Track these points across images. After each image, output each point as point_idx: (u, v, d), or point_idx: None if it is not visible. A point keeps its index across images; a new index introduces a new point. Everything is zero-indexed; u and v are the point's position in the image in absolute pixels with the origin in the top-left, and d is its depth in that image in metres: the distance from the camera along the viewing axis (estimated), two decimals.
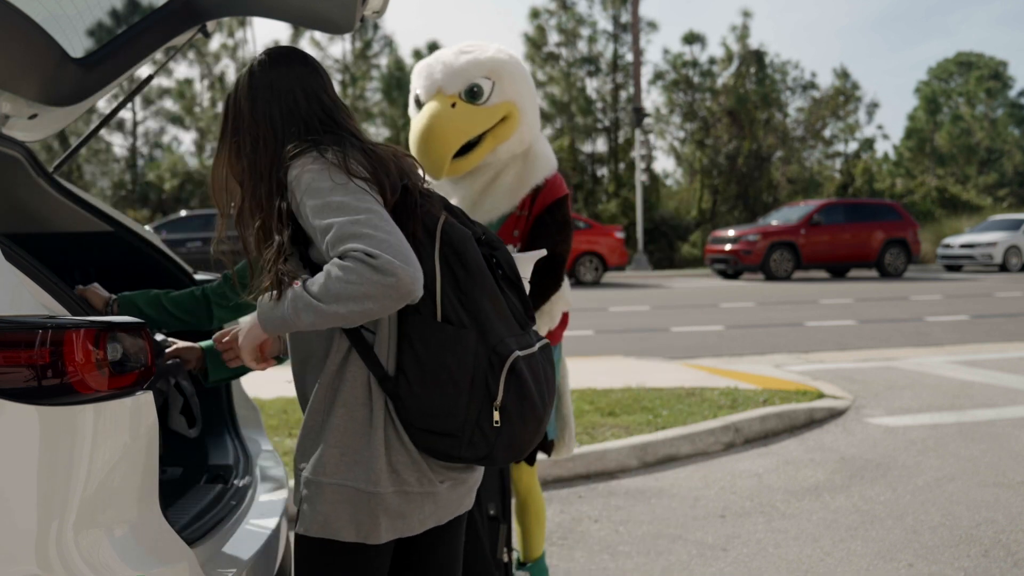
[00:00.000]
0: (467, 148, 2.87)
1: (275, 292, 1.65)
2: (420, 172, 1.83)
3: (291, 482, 2.74)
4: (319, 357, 1.75)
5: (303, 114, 1.79)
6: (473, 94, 2.87)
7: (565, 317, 3.04)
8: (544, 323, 2.91)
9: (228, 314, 2.40)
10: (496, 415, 1.66)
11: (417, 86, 2.99)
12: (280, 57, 1.85)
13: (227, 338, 1.99)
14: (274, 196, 1.73)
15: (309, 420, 1.73)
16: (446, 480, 1.75)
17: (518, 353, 1.69)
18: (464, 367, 1.66)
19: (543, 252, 2.18)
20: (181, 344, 2.18)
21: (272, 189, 1.74)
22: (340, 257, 1.57)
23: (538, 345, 1.77)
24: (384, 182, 1.70)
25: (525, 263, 2.12)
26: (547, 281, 2.85)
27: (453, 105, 2.85)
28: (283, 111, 1.79)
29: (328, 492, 1.68)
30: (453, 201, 2.80)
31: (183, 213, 20.00)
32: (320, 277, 1.59)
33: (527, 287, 1.88)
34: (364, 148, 1.75)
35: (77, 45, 2.64)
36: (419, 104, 2.97)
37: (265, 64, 1.84)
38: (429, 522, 1.76)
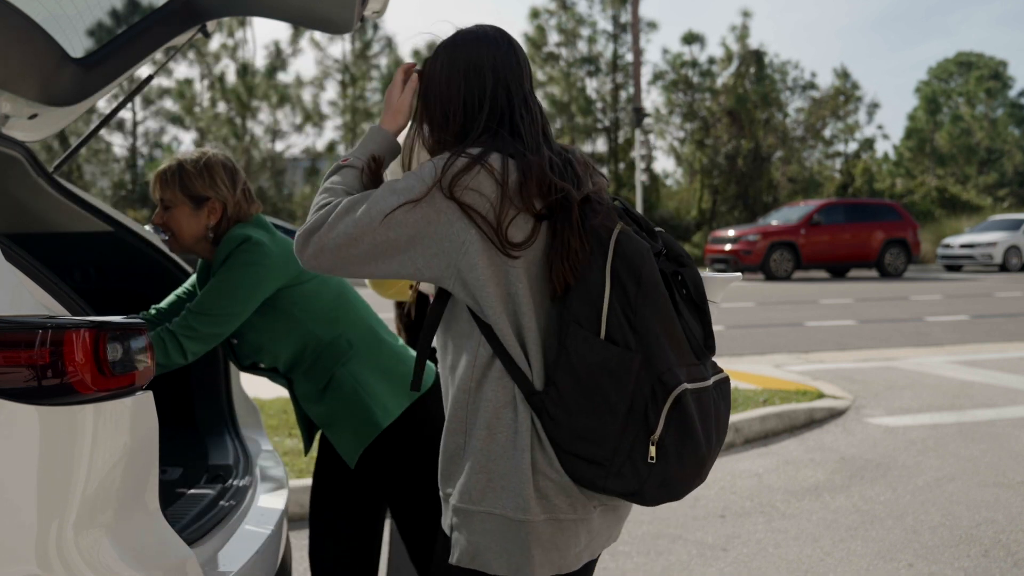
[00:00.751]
0: None
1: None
2: (598, 181, 1.69)
3: (291, 482, 2.74)
4: (453, 370, 1.66)
5: (491, 102, 1.67)
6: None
7: None
8: None
9: None
10: (652, 450, 1.52)
11: None
12: (484, 37, 1.73)
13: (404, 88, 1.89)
14: None
15: (449, 442, 1.63)
16: (598, 505, 1.61)
17: (686, 386, 1.54)
18: (623, 392, 1.52)
19: (739, 276, 2.00)
20: None
21: None
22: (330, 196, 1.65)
23: (713, 379, 1.62)
24: (525, 197, 1.58)
25: (716, 286, 1.95)
26: None
27: None
28: (477, 93, 1.67)
29: (477, 521, 1.57)
30: None
31: None
32: (334, 183, 1.69)
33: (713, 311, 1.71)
34: (521, 154, 1.62)
35: (77, 45, 2.64)
36: None
37: (469, 40, 1.72)
38: (584, 556, 1.63)
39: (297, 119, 29.34)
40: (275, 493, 2.46)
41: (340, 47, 35.06)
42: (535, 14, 33.22)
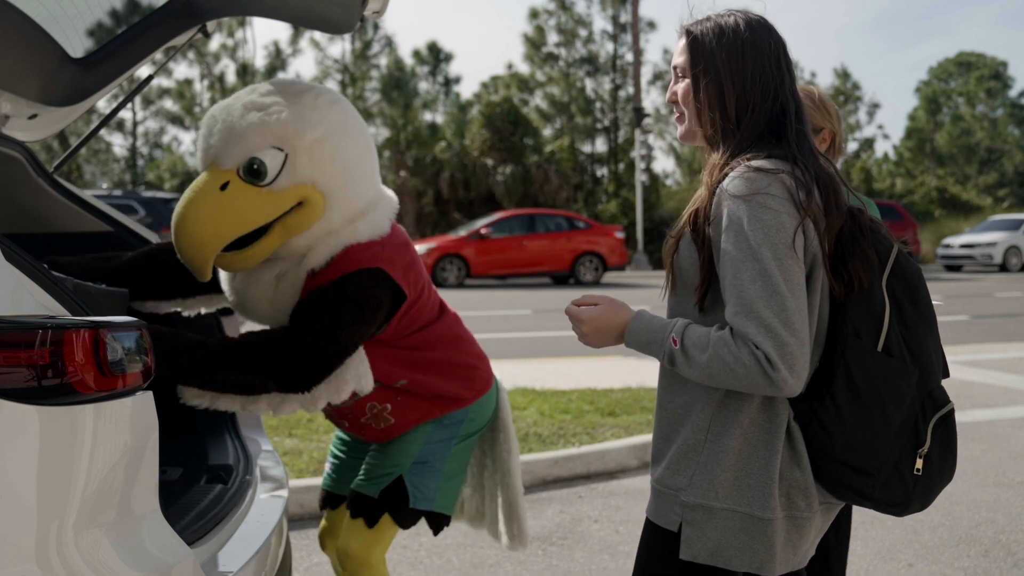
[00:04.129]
0: (249, 239, 2.21)
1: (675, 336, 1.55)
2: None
3: (291, 482, 2.74)
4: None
5: (770, 102, 1.62)
6: (253, 172, 2.16)
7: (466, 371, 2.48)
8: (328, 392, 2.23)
9: None
10: (919, 463, 1.59)
11: (198, 146, 2.30)
12: (768, 30, 1.67)
13: (584, 311, 1.71)
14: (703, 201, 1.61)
15: (688, 437, 1.62)
16: (823, 502, 1.65)
17: (953, 406, 1.65)
18: (900, 406, 1.57)
19: (940, 303, 2.00)
20: None
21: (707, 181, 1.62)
22: (737, 338, 1.50)
23: (950, 404, 1.68)
24: (831, 214, 1.58)
25: None
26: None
27: (224, 186, 2.16)
28: (761, 88, 1.62)
29: (720, 518, 1.58)
30: (243, 305, 2.36)
31: None
32: (709, 343, 1.52)
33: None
34: (820, 169, 1.61)
35: (77, 45, 2.64)
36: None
37: (757, 27, 1.66)
38: (810, 552, 1.66)
39: None
40: (275, 493, 2.46)
41: (340, 47, 35.10)
42: (534, 14, 33.25)
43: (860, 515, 4.18)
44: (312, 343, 2.13)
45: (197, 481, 2.44)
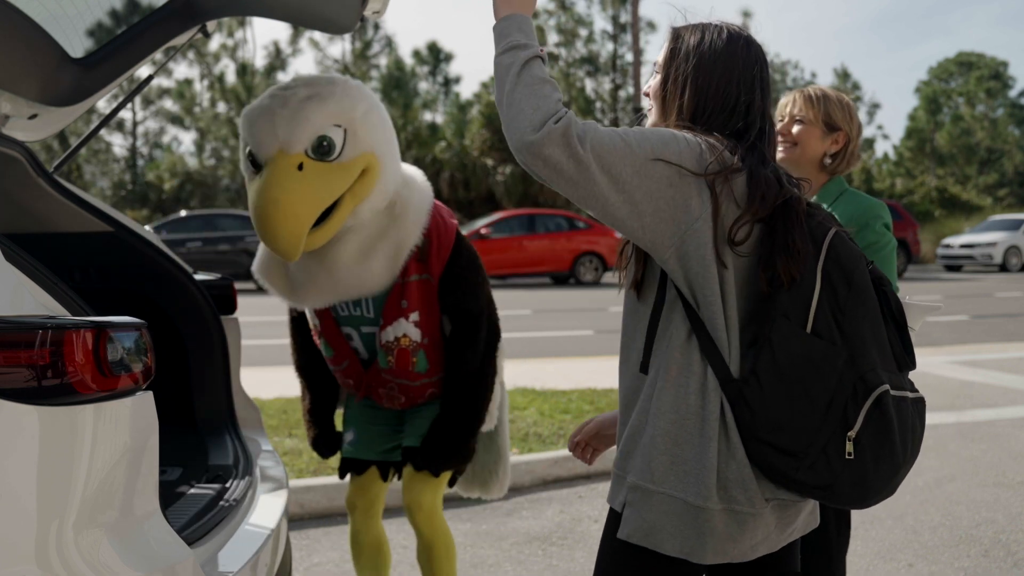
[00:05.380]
0: (323, 215, 2.40)
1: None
2: (803, 187, 1.73)
3: (291, 482, 2.74)
4: (637, 350, 1.68)
5: (726, 115, 1.69)
6: (323, 150, 2.37)
7: None
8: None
9: None
10: (849, 446, 1.55)
11: (250, 140, 2.43)
12: (746, 46, 1.73)
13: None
14: None
15: (635, 420, 1.67)
16: (773, 500, 1.63)
17: (888, 388, 1.57)
18: (825, 387, 1.55)
19: (939, 306, 2.03)
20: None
21: None
22: (568, 119, 1.54)
23: (913, 395, 1.63)
24: (754, 204, 1.60)
25: (914, 313, 1.96)
26: (471, 349, 2.65)
27: (300, 167, 2.35)
28: (722, 99, 1.68)
29: (656, 500, 1.61)
30: (316, 282, 2.54)
31: (183, 213, 19.99)
32: (547, 83, 1.58)
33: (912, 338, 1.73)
34: (760, 169, 1.64)
35: (77, 45, 2.64)
36: (254, 163, 2.44)
37: (737, 41, 1.72)
38: (760, 549, 1.65)
39: None
40: (275, 493, 2.46)
41: (340, 47, 35.12)
42: (534, 14, 33.28)
43: (860, 515, 4.18)
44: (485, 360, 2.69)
45: (197, 481, 2.44)
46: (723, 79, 1.68)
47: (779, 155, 2.52)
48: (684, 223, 1.59)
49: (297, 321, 2.86)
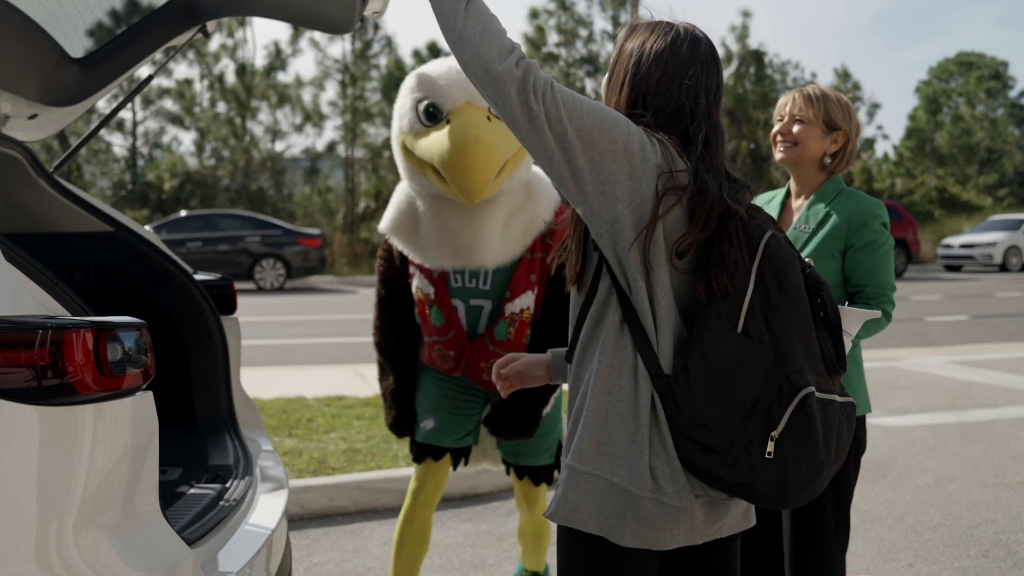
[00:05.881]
0: None
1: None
2: (748, 196, 1.71)
3: (291, 482, 2.74)
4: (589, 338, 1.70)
5: (664, 119, 1.69)
6: None
7: None
8: None
9: None
10: (770, 446, 1.56)
11: (433, 94, 2.62)
12: (692, 47, 1.71)
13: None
14: None
15: (576, 403, 1.68)
16: (704, 496, 1.64)
17: (813, 390, 1.58)
18: (751, 386, 1.56)
19: (877, 312, 2.09)
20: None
21: None
22: (515, 55, 1.56)
23: (841, 399, 1.64)
24: (696, 227, 1.61)
25: (852, 318, 1.98)
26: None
27: (488, 119, 2.57)
28: (664, 100, 1.68)
29: (581, 481, 1.63)
30: (455, 242, 2.68)
31: (183, 213, 19.97)
32: (496, 26, 1.60)
33: (848, 344, 1.72)
34: (705, 180, 1.64)
35: (77, 45, 2.64)
36: (431, 115, 2.62)
37: (686, 43, 1.71)
38: (681, 540, 1.65)
39: (297, 119, 29.33)
40: (275, 493, 2.46)
41: (340, 47, 35.10)
42: (534, 14, 33.24)
43: (860, 515, 4.19)
44: None
45: (197, 481, 2.44)
46: (661, 80, 1.68)
47: (779, 155, 2.52)
48: (623, 202, 1.60)
49: (387, 302, 2.94)
